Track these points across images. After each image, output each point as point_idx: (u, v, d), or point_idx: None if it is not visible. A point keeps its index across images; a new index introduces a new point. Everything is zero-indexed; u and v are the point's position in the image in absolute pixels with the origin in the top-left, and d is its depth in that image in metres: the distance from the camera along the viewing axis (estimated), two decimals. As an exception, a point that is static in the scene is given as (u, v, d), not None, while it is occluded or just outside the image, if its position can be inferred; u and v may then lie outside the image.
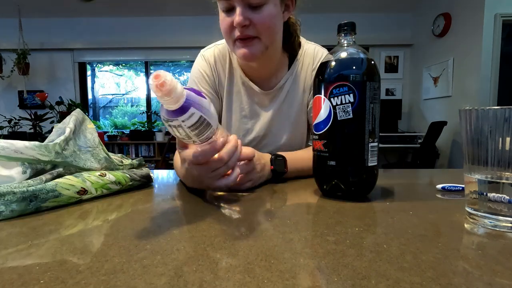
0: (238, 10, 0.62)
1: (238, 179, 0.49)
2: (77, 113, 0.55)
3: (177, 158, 0.69)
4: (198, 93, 0.36)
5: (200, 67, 0.78)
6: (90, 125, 0.56)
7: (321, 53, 0.78)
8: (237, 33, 0.64)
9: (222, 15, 0.66)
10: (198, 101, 0.35)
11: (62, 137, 0.48)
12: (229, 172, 0.46)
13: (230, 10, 0.64)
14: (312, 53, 0.78)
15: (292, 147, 0.79)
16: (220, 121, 0.82)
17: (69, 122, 0.53)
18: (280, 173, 0.62)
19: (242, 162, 0.54)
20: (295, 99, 0.79)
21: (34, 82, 4.10)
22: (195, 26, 3.99)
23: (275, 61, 0.75)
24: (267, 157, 0.62)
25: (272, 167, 0.62)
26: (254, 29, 0.64)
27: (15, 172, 0.42)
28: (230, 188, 0.52)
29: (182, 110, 0.34)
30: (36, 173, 0.45)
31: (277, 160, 0.62)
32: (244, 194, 0.52)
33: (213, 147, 0.42)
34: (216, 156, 0.43)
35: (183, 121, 0.35)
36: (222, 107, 0.81)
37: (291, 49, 0.77)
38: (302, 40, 0.81)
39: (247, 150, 0.54)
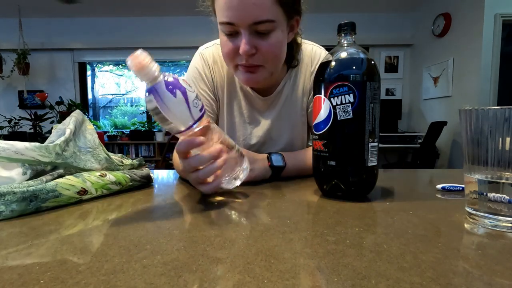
0: (244, 37, 0.57)
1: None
2: (77, 114, 0.55)
3: (176, 155, 0.69)
4: (174, 88, 0.39)
5: (198, 66, 0.75)
6: (89, 126, 0.56)
7: (319, 54, 0.76)
8: (240, 60, 0.61)
9: (223, 37, 0.61)
10: (162, 94, 0.38)
11: (62, 138, 0.48)
12: (210, 179, 0.47)
13: (233, 34, 0.59)
14: (310, 54, 0.76)
15: (293, 150, 0.78)
16: (217, 123, 0.81)
17: (69, 123, 0.52)
18: (278, 168, 0.62)
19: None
20: (294, 103, 0.77)
21: (34, 82, 4.10)
22: (195, 26, 3.99)
23: (276, 75, 0.72)
24: (262, 155, 0.62)
25: (269, 163, 0.61)
26: (260, 58, 0.60)
27: (15, 173, 0.42)
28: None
29: (147, 91, 0.39)
30: (36, 174, 0.45)
31: (273, 156, 0.62)
32: (244, 194, 0.52)
33: (189, 141, 0.43)
34: (192, 152, 0.45)
35: (145, 101, 0.40)
36: (222, 109, 0.79)
37: (291, 58, 0.73)
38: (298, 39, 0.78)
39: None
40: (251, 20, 0.56)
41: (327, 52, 0.55)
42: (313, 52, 0.76)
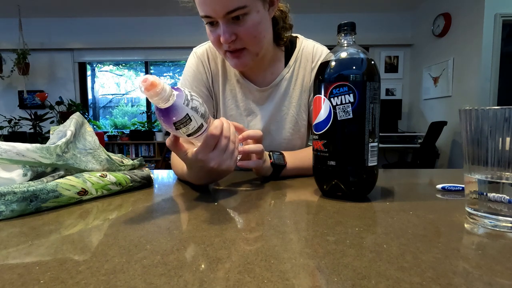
0: (221, 27, 0.61)
1: (252, 163, 0.57)
2: (77, 116, 0.56)
3: (175, 158, 0.69)
4: (188, 94, 0.41)
5: (193, 65, 0.77)
6: (89, 128, 0.56)
7: (320, 51, 0.76)
8: (225, 46, 0.64)
9: (207, 28, 0.66)
10: (187, 101, 0.40)
11: (63, 140, 0.48)
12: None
13: (213, 24, 0.63)
14: (310, 50, 0.77)
15: (293, 147, 0.78)
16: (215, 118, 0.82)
17: (70, 125, 0.53)
18: (279, 166, 0.62)
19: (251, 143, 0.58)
20: (293, 96, 0.77)
21: (34, 82, 4.10)
22: (195, 26, 3.97)
23: (268, 57, 0.75)
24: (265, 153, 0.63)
25: (271, 160, 0.62)
26: (241, 42, 0.64)
27: (16, 174, 0.42)
28: (240, 168, 0.58)
29: (168, 109, 0.39)
30: (36, 176, 0.45)
31: (274, 154, 0.63)
32: (244, 194, 0.52)
33: (214, 125, 0.46)
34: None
35: (168, 118, 0.39)
36: (218, 105, 0.80)
37: (279, 38, 0.74)
38: (300, 37, 0.79)
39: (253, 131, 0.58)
40: (224, 11, 0.59)
41: (329, 51, 0.55)
42: (314, 49, 0.77)
